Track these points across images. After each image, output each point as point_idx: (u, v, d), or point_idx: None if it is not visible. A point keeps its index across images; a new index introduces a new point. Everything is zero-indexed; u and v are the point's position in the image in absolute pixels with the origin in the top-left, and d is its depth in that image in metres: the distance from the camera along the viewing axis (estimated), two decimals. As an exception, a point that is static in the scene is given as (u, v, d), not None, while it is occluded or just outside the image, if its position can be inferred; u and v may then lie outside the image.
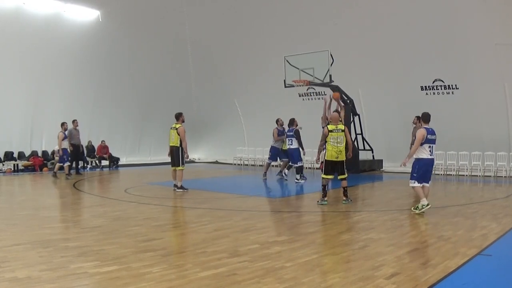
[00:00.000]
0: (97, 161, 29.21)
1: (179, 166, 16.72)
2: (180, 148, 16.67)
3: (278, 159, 21.87)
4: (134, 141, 32.76)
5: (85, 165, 28.10)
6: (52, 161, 27.03)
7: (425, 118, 12.52)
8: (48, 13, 27.58)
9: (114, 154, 29.87)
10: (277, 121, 21.10)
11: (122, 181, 19.76)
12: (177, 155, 16.75)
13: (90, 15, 29.25)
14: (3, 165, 26.17)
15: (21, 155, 27.05)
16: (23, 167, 26.08)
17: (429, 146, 12.18)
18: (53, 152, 27.13)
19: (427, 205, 12.13)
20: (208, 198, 15.32)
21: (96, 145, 29.41)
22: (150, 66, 31.26)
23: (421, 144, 12.14)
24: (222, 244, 8.67)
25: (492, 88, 22.17)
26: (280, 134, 20.89)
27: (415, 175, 12.31)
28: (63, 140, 22.21)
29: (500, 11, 21.17)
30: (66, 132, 22.54)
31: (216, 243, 8.68)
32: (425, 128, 12.25)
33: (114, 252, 8.13)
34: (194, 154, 33.97)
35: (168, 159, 17.31)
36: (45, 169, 26.50)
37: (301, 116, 21.61)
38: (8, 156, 26.67)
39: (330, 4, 25.44)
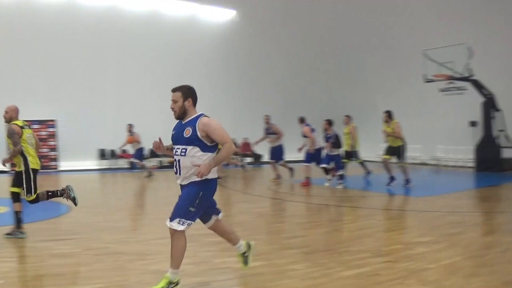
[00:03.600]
0: (240, 158, 29.68)
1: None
2: None
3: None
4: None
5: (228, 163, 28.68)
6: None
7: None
8: (184, 15, 28.71)
9: (257, 152, 30.28)
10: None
11: (265, 178, 20.08)
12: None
13: (225, 15, 30.03)
14: (149, 162, 27.25)
15: (166, 153, 28.04)
16: (167, 164, 26.96)
17: None
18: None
19: None
20: (351, 196, 15.30)
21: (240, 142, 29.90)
22: (289, 65, 31.40)
23: None
24: (365, 243, 8.67)
25: None
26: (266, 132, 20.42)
27: None
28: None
29: None
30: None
31: (359, 242, 8.69)
32: None
33: (258, 248, 8.27)
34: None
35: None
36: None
37: (440, 111, 21.03)
38: (154, 153, 27.75)
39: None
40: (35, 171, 9.48)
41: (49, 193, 9.58)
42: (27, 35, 25.27)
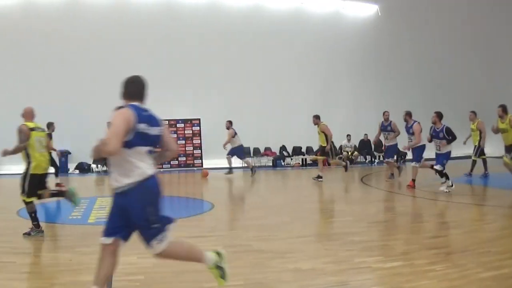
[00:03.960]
0: (381, 156, 29.40)
1: None
2: None
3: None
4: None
5: (373, 159, 28.54)
6: (341, 155, 28.03)
7: None
8: (327, 11, 29.03)
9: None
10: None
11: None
12: None
13: (368, 10, 30.10)
14: (291, 159, 27.64)
15: (309, 150, 28.31)
16: (310, 162, 27.24)
17: None
18: (340, 147, 28.10)
19: None
20: (494, 195, 14.93)
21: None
22: (431, 60, 30.75)
23: None
24: (506, 244, 8.47)
25: None
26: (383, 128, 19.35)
27: None
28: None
29: None
30: None
31: (499, 243, 8.48)
32: None
33: (398, 248, 8.30)
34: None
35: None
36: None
37: None
38: (296, 151, 28.11)
39: None
40: (34, 176, 9.53)
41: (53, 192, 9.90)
42: (172, 39, 26.33)
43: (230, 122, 21.92)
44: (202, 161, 26.86)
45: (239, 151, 22.38)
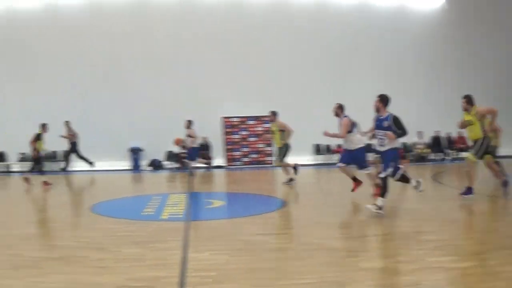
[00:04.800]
0: (456, 153, 29.03)
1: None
2: None
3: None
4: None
5: (445, 157, 28.21)
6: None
7: None
8: (391, 5, 29.18)
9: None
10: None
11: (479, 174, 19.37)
12: None
13: (434, 2, 29.90)
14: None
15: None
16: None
17: None
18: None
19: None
20: None
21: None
22: (504, 51, 30.10)
23: None
24: None
25: None
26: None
27: None
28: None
29: None
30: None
31: None
32: None
33: (471, 248, 8.23)
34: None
35: None
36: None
37: None
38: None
39: None
40: None
41: None
42: (239, 37, 26.76)
43: (189, 122, 22.16)
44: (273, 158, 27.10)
45: (196, 152, 22.57)
